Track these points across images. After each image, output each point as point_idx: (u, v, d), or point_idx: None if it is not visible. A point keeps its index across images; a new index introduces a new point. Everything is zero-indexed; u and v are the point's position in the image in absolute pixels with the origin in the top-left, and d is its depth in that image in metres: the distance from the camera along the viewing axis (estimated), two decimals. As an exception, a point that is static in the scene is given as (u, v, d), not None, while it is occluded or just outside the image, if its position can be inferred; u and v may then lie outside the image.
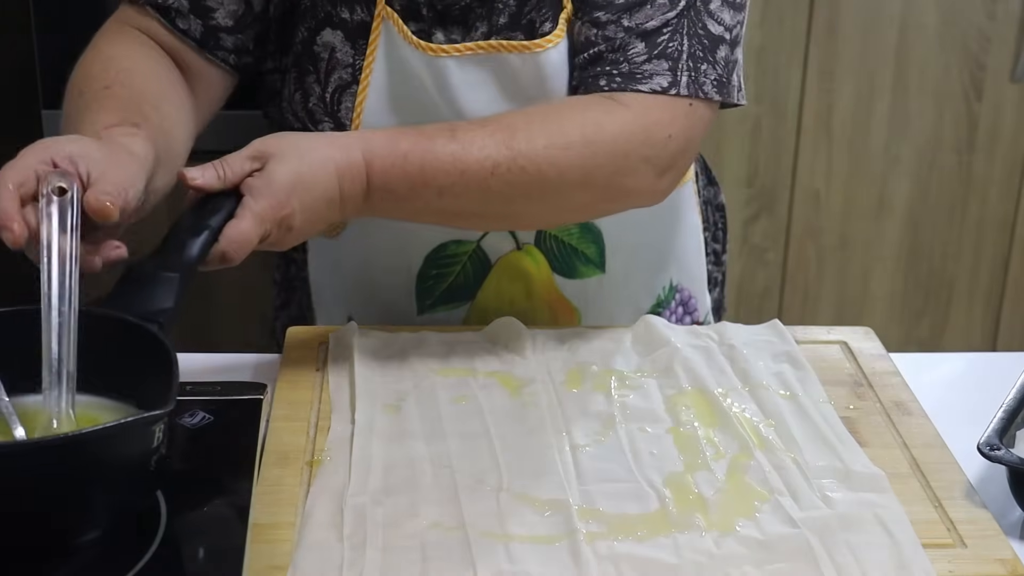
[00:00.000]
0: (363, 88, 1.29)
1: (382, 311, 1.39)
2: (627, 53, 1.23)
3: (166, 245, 1.08)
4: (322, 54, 1.29)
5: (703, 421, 1.15)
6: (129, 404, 1.00)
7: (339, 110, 1.30)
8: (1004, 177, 2.37)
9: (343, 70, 1.29)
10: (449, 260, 1.37)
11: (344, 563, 0.95)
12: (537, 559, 0.97)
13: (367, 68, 1.28)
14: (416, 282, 1.38)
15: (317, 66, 1.30)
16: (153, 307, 1.03)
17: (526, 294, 1.39)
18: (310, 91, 1.30)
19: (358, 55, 1.28)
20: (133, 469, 0.93)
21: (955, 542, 1.01)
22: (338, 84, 1.29)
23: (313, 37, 1.29)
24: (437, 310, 1.39)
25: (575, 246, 1.38)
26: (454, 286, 1.38)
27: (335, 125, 1.30)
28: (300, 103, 1.31)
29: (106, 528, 0.94)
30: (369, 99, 1.29)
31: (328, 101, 1.30)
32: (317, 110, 1.30)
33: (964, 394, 1.26)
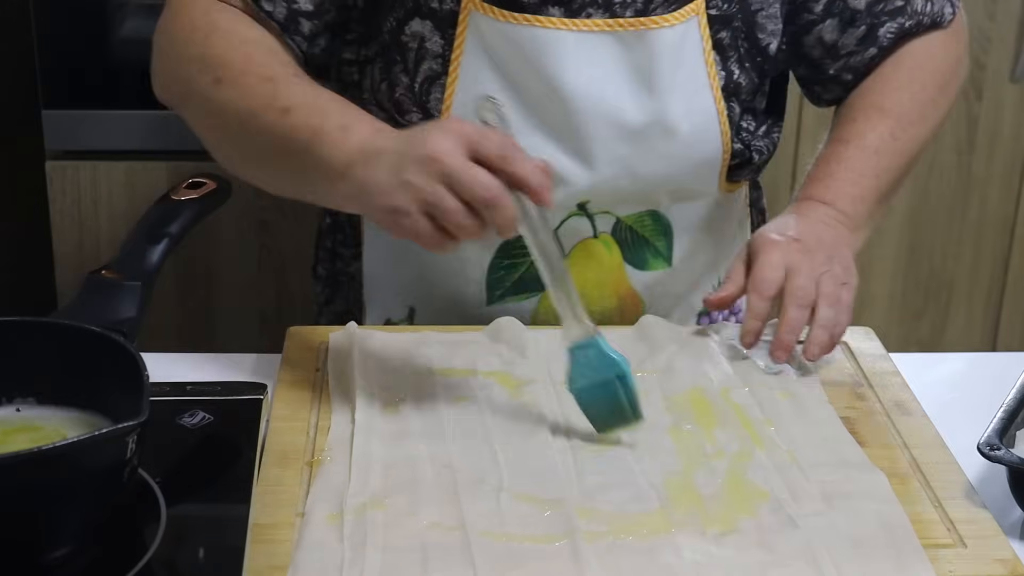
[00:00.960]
0: (452, 79, 1.29)
1: (448, 302, 1.39)
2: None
3: (126, 254, 1.07)
4: (410, 44, 1.29)
5: (703, 421, 1.15)
6: (95, 415, 0.99)
7: (428, 100, 1.30)
8: (1004, 177, 2.37)
9: (432, 60, 1.30)
10: (522, 250, 1.35)
11: (344, 563, 0.95)
12: (537, 559, 0.97)
13: (455, 59, 1.29)
14: (487, 272, 1.37)
15: (405, 56, 1.30)
16: (116, 316, 1.03)
17: (598, 284, 1.39)
18: (396, 81, 1.31)
19: (447, 45, 1.29)
20: (106, 481, 0.92)
21: (955, 542, 1.01)
22: (427, 75, 1.30)
23: (401, 27, 1.29)
24: (507, 300, 1.39)
25: (648, 238, 1.39)
26: (526, 277, 1.37)
27: (423, 115, 1.30)
28: (386, 93, 1.31)
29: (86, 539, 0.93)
30: (459, 90, 1.29)
31: (417, 92, 1.30)
32: (405, 100, 1.31)
33: (964, 394, 1.26)
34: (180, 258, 2.03)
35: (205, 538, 0.98)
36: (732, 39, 1.34)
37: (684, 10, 1.30)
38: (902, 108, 1.38)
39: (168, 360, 1.24)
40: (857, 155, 1.35)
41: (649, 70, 1.30)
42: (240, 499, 1.00)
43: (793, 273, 1.23)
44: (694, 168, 1.36)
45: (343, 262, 1.48)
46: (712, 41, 1.32)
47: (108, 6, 1.95)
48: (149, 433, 0.93)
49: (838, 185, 1.33)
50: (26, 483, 0.87)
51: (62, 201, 2.01)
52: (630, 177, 1.33)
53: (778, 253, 1.25)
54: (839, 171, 1.34)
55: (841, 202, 1.33)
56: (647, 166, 1.33)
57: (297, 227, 2.04)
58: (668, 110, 1.31)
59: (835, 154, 1.36)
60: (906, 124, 1.37)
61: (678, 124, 1.32)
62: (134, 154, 2.01)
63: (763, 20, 1.35)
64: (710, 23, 1.31)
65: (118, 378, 0.95)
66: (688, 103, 1.32)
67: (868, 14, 1.39)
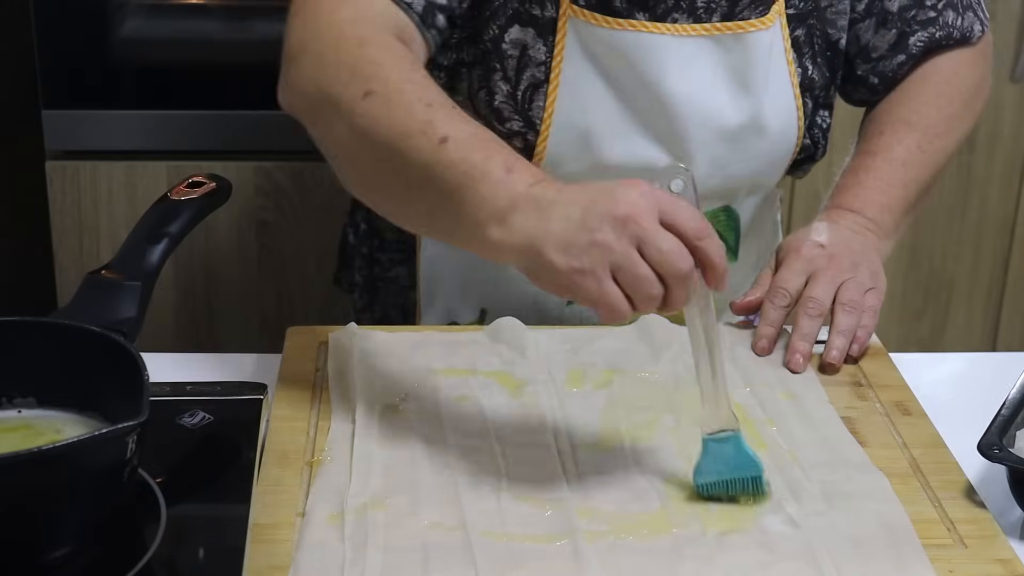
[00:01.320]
0: (554, 87, 1.30)
1: (526, 305, 1.39)
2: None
3: (126, 253, 1.07)
4: (511, 52, 1.30)
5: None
6: (93, 417, 0.99)
7: (530, 108, 1.30)
8: (1004, 177, 2.37)
9: (535, 68, 1.30)
10: None
11: (345, 563, 0.95)
12: (538, 559, 0.97)
13: (556, 67, 1.29)
14: None
15: (504, 64, 1.30)
16: (116, 316, 1.03)
17: None
18: (496, 89, 1.31)
19: (549, 52, 1.30)
20: (106, 481, 0.92)
21: (955, 542, 1.01)
22: (530, 82, 1.30)
23: (503, 34, 1.29)
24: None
25: (721, 232, 1.41)
26: None
27: (524, 123, 1.31)
28: (484, 101, 1.31)
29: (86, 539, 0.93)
30: (560, 97, 1.30)
31: (519, 99, 1.30)
32: (505, 108, 1.31)
33: (964, 394, 1.26)
34: (180, 258, 2.03)
35: (205, 538, 0.98)
36: (807, 36, 1.37)
37: (772, 13, 1.33)
38: (928, 121, 1.41)
39: (168, 360, 1.24)
40: (885, 166, 1.38)
41: (745, 72, 1.33)
42: (240, 499, 1.00)
43: (813, 281, 1.27)
44: (773, 164, 1.40)
45: (381, 267, 1.48)
46: (791, 39, 1.36)
47: (108, 6, 1.95)
48: (149, 433, 0.93)
49: (867, 194, 1.36)
50: (26, 483, 0.87)
51: (62, 201, 2.01)
52: (721, 176, 1.36)
53: (801, 261, 1.29)
54: (867, 180, 1.37)
55: (870, 210, 1.35)
56: (737, 165, 1.36)
57: (297, 227, 2.05)
58: (762, 110, 1.35)
59: (863, 165, 1.39)
60: (932, 136, 1.40)
61: (768, 123, 1.36)
62: (134, 154, 2.01)
63: (832, 16, 1.39)
64: (788, 21, 1.35)
65: (118, 378, 0.95)
66: (776, 102, 1.36)
67: (899, 19, 1.41)
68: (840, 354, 1.24)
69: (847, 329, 1.25)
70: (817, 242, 1.30)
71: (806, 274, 1.28)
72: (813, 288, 1.26)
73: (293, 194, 2.03)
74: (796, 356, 1.24)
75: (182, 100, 2.00)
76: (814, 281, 1.27)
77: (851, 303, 1.26)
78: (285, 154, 2.01)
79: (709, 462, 1.04)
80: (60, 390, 1.00)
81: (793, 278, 1.28)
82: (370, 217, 1.49)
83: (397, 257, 1.47)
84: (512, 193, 1.02)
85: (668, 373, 1.23)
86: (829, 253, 1.29)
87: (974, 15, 1.44)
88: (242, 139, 2.02)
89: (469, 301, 1.43)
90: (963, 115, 1.44)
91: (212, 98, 2.01)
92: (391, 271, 1.47)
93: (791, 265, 1.29)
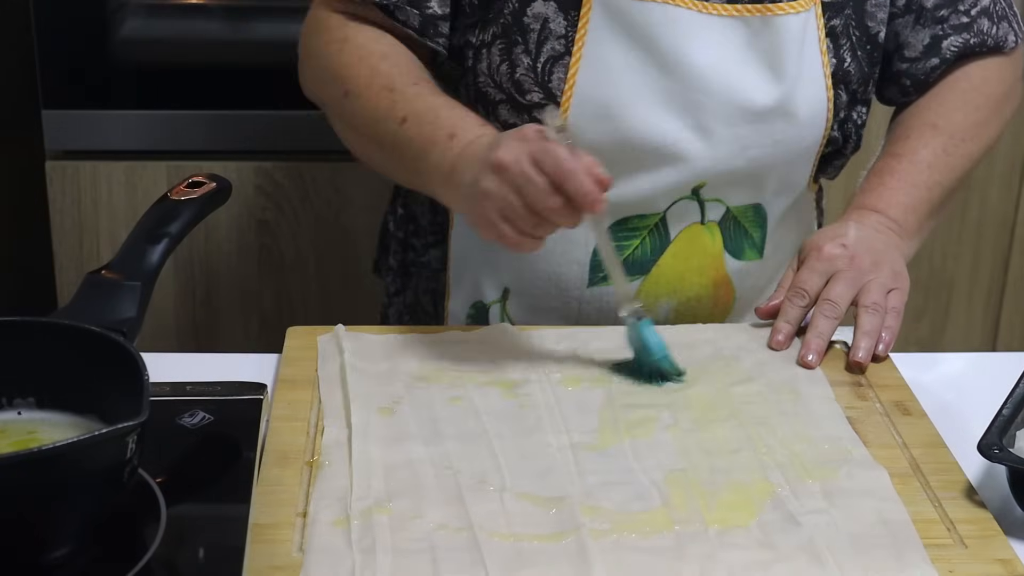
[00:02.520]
0: (576, 59, 1.31)
1: (548, 283, 1.40)
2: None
3: (126, 253, 1.07)
4: (532, 25, 1.32)
5: (706, 418, 1.15)
6: (91, 419, 0.99)
7: (550, 80, 1.32)
8: (1004, 177, 2.37)
9: (555, 41, 1.32)
10: (630, 233, 1.39)
11: (356, 567, 0.95)
12: (546, 557, 0.97)
13: (580, 39, 1.31)
14: (592, 254, 1.39)
15: (526, 37, 1.32)
16: (116, 316, 1.03)
17: (698, 269, 1.41)
18: (517, 62, 1.33)
19: (570, 26, 1.31)
20: (106, 481, 0.92)
21: (955, 542, 1.01)
22: (550, 55, 1.32)
23: (524, 8, 1.32)
24: (609, 283, 1.40)
25: (747, 228, 1.42)
26: (630, 260, 1.39)
27: (545, 95, 1.32)
28: (506, 74, 1.33)
29: (86, 539, 0.93)
30: (582, 70, 1.31)
31: (539, 71, 1.32)
32: (526, 80, 1.33)
33: (964, 394, 1.26)
34: (180, 258, 2.03)
35: (205, 538, 0.98)
36: (844, 26, 1.38)
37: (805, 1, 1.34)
38: (955, 126, 1.42)
39: (168, 360, 1.24)
40: (910, 168, 1.40)
41: (775, 55, 1.34)
42: (240, 499, 1.00)
43: (833, 281, 1.29)
44: (800, 153, 1.41)
45: (415, 252, 1.51)
46: (826, 28, 1.36)
47: (108, 6, 1.95)
48: (149, 433, 0.93)
49: (891, 195, 1.38)
50: (26, 483, 0.87)
51: (62, 201, 2.01)
52: (744, 158, 1.37)
53: (822, 261, 1.30)
54: (891, 182, 1.39)
55: (893, 211, 1.37)
56: (761, 148, 1.37)
57: (297, 227, 2.04)
58: (792, 95, 1.35)
59: (888, 167, 1.40)
60: (958, 141, 1.42)
61: (797, 109, 1.37)
62: (134, 154, 2.01)
63: (872, 8, 1.40)
64: (823, 10, 1.36)
65: (118, 378, 0.95)
66: (806, 89, 1.37)
67: (932, 17, 1.42)
68: (867, 355, 1.25)
69: (872, 330, 1.26)
70: (839, 242, 1.31)
71: (827, 274, 1.29)
72: (832, 289, 1.28)
73: (293, 194, 2.03)
74: (809, 353, 1.25)
75: (182, 100, 2.00)
76: (834, 281, 1.28)
77: (875, 305, 1.27)
78: (285, 154, 2.01)
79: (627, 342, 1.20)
80: (60, 390, 1.00)
81: (813, 278, 1.29)
82: (407, 203, 1.52)
83: (431, 240, 1.49)
84: (452, 156, 1.21)
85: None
86: (850, 254, 1.30)
87: (1009, 25, 1.45)
88: (242, 139, 2.02)
89: (493, 279, 1.43)
90: (990, 122, 1.45)
91: (212, 98, 2.01)
92: (424, 255, 1.49)
93: (812, 265, 1.30)
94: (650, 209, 1.38)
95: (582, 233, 1.37)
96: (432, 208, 1.48)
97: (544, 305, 1.41)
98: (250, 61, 1.99)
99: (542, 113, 1.16)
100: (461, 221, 1.44)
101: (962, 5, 1.43)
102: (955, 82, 1.45)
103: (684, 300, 1.42)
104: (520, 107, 1.33)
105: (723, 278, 1.43)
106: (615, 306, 1.23)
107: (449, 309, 1.45)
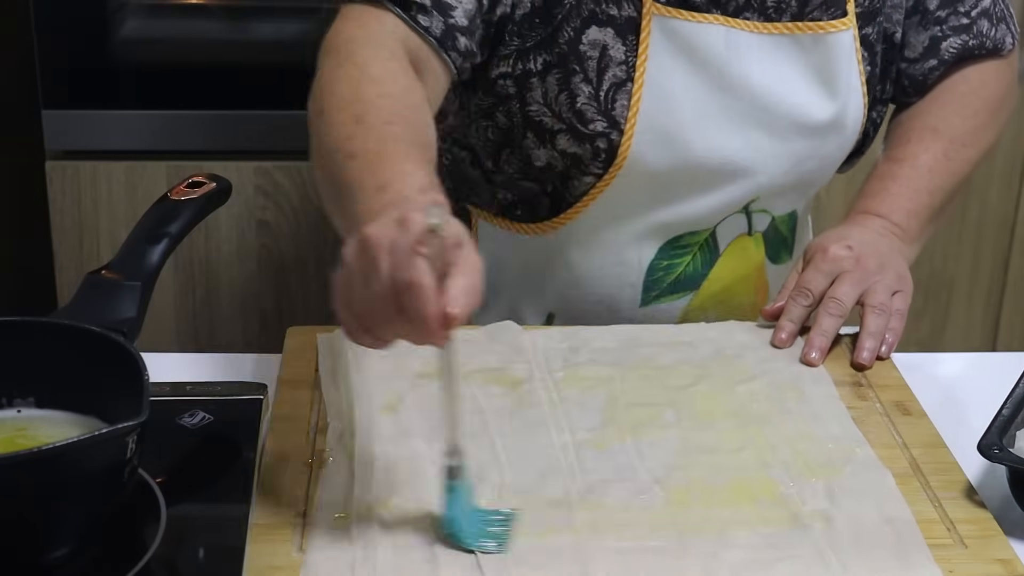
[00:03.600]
0: (638, 86, 1.30)
1: (599, 306, 1.40)
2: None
3: (126, 253, 1.07)
4: (589, 53, 1.30)
5: (709, 417, 1.15)
6: (92, 417, 0.99)
7: (614, 108, 1.31)
8: (1004, 177, 2.37)
9: (616, 67, 1.30)
10: (682, 250, 1.39)
11: (356, 562, 0.95)
12: (545, 556, 0.97)
13: (640, 65, 1.30)
14: (646, 273, 1.39)
15: (584, 65, 1.30)
16: (116, 316, 1.03)
17: (744, 279, 1.43)
18: (577, 91, 1.31)
19: (630, 51, 1.30)
20: (106, 481, 0.92)
21: (955, 542, 1.01)
22: (612, 82, 1.30)
23: (579, 36, 1.30)
24: (661, 300, 1.40)
25: (784, 234, 1.45)
26: (682, 276, 1.40)
27: (608, 123, 1.31)
28: (566, 104, 1.31)
29: (86, 539, 0.93)
30: (645, 96, 1.30)
31: (602, 100, 1.31)
32: (588, 109, 1.31)
33: (964, 394, 1.26)
34: (180, 258, 2.03)
35: (205, 538, 0.98)
36: (877, 34, 1.39)
37: (849, 14, 1.35)
38: (955, 131, 1.42)
39: (168, 360, 1.24)
40: (911, 173, 1.40)
41: (828, 72, 1.35)
42: (240, 499, 1.00)
43: (838, 282, 1.29)
44: (837, 161, 1.43)
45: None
46: (860, 38, 1.37)
47: (108, 6, 1.95)
48: (149, 433, 0.93)
49: (892, 199, 1.38)
50: (26, 483, 0.87)
51: (62, 201, 2.01)
52: (797, 172, 1.38)
53: (827, 262, 1.30)
54: (893, 187, 1.39)
55: (896, 215, 1.38)
56: (813, 160, 1.39)
57: (297, 227, 2.04)
58: (845, 109, 1.37)
59: (889, 172, 1.41)
60: (958, 145, 1.42)
61: (847, 120, 1.38)
62: (134, 154, 2.01)
63: (889, 10, 1.40)
64: (857, 20, 1.37)
65: (118, 378, 0.95)
66: (853, 100, 1.38)
67: (934, 19, 1.42)
68: (871, 355, 1.25)
69: (877, 331, 1.26)
70: (845, 244, 1.31)
71: (832, 275, 1.29)
72: (837, 288, 1.28)
73: (293, 194, 2.03)
74: (813, 351, 1.25)
75: (182, 100, 2.00)
76: (839, 282, 1.28)
77: (880, 306, 1.27)
78: (285, 154, 2.01)
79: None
80: (60, 390, 1.00)
81: (818, 278, 1.29)
82: None
83: None
84: (369, 211, 1.01)
85: (669, 370, 1.23)
86: (856, 255, 1.30)
87: (1007, 27, 1.45)
88: (242, 139, 2.02)
89: (535, 305, 1.42)
90: (988, 127, 1.46)
91: (212, 98, 2.01)
92: None
93: (817, 265, 1.30)
94: (701, 226, 1.39)
95: (635, 255, 1.38)
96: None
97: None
98: (250, 61, 1.99)
99: (428, 211, 0.93)
100: (487, 246, 1.40)
101: (962, 6, 1.43)
102: (954, 85, 1.45)
103: (730, 310, 1.42)
104: (582, 136, 1.31)
105: (763, 284, 1.45)
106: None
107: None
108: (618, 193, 1.34)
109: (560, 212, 1.38)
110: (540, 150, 1.34)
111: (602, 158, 1.32)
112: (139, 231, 1.09)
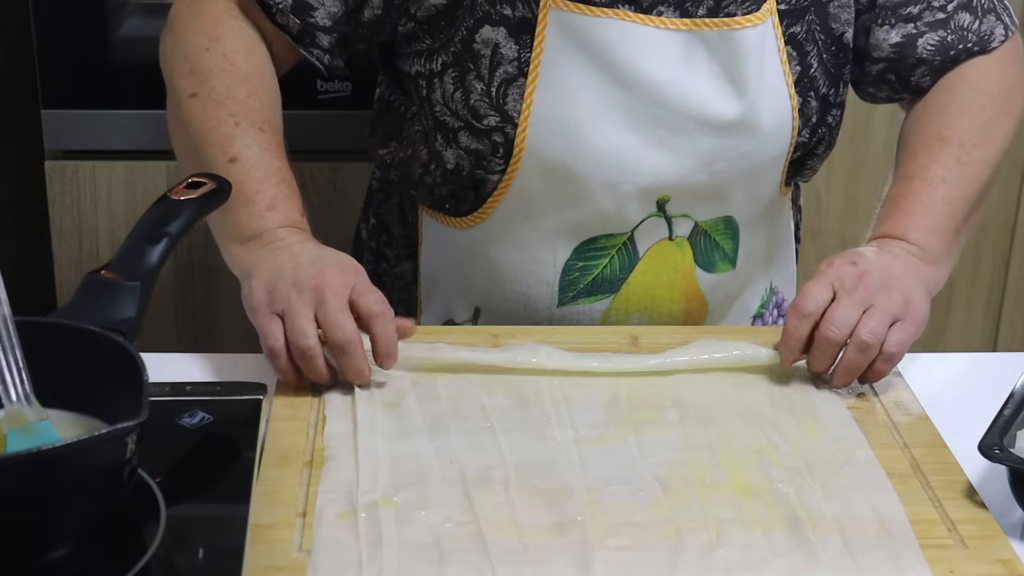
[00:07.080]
0: (531, 79, 1.30)
1: (517, 303, 1.40)
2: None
3: (125, 253, 1.07)
4: (482, 51, 1.30)
5: (711, 416, 1.16)
6: (92, 417, 0.99)
7: (505, 103, 1.31)
8: (1004, 177, 2.37)
9: (508, 64, 1.31)
10: (598, 252, 1.38)
11: (363, 561, 0.96)
12: (550, 551, 0.97)
13: (535, 59, 1.29)
14: (561, 273, 1.38)
15: (478, 63, 1.31)
16: (116, 316, 1.03)
17: (669, 286, 1.40)
18: (471, 88, 1.32)
19: (523, 49, 1.30)
20: (106, 481, 0.92)
21: (955, 542, 1.01)
22: (503, 78, 1.31)
23: (472, 35, 1.30)
24: (579, 302, 1.40)
25: (718, 241, 1.40)
26: (600, 278, 1.39)
27: (501, 118, 1.31)
28: (460, 101, 1.32)
29: (86, 539, 0.93)
30: (539, 89, 1.30)
31: (494, 96, 1.31)
32: (481, 106, 1.32)
33: (964, 394, 1.26)
34: (180, 258, 2.03)
35: (205, 538, 0.98)
36: (808, 32, 1.35)
37: (763, 10, 1.31)
38: (963, 134, 1.36)
39: (168, 360, 1.24)
40: (923, 187, 1.33)
41: (735, 69, 1.31)
42: (240, 499, 1.00)
43: (836, 301, 1.21)
44: (765, 165, 1.38)
45: (388, 263, 1.49)
46: (785, 36, 1.34)
47: (108, 6, 1.95)
48: (149, 433, 0.93)
49: (907, 218, 1.31)
50: (26, 484, 0.87)
51: (62, 201, 2.01)
52: (708, 172, 1.34)
53: (828, 278, 1.23)
54: (907, 205, 1.32)
55: (912, 234, 1.30)
56: (726, 161, 1.34)
57: (297, 227, 2.04)
58: (755, 108, 1.33)
59: (902, 191, 1.34)
60: (969, 148, 1.35)
61: (761, 122, 1.34)
62: (134, 154, 2.00)
63: (835, 10, 1.37)
64: (781, 18, 1.33)
65: (118, 378, 0.95)
66: (769, 100, 1.34)
67: (904, 17, 1.38)
68: (841, 384, 1.21)
69: (852, 368, 1.20)
70: (851, 259, 1.25)
71: (832, 291, 1.22)
72: (835, 309, 1.21)
73: (293, 194, 2.03)
74: (815, 374, 1.22)
75: (182, 100, 2.00)
76: (838, 302, 1.21)
77: (868, 339, 1.19)
78: (285, 154, 2.01)
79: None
80: (60, 390, 1.00)
81: (817, 295, 1.22)
82: (380, 212, 1.51)
83: (403, 253, 1.48)
84: (261, 226, 1.25)
85: (672, 369, 1.23)
86: (860, 271, 1.23)
87: (996, 19, 1.40)
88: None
89: (465, 299, 1.43)
90: (999, 120, 1.39)
91: (212, 98, 2.00)
92: (397, 267, 1.48)
93: (817, 282, 1.23)
94: (618, 228, 1.37)
95: (550, 254, 1.37)
96: (402, 220, 1.47)
97: (513, 324, 1.39)
98: (250, 61, 1.99)
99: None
100: (431, 239, 1.43)
101: (936, 1, 1.39)
102: (952, 87, 1.40)
103: (655, 316, 1.40)
104: (479, 132, 1.32)
105: (695, 292, 1.41)
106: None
107: (423, 324, 1.44)
108: (524, 188, 1.34)
109: (479, 207, 1.38)
110: (448, 151, 1.35)
111: (500, 152, 1.32)
112: (139, 231, 1.09)
